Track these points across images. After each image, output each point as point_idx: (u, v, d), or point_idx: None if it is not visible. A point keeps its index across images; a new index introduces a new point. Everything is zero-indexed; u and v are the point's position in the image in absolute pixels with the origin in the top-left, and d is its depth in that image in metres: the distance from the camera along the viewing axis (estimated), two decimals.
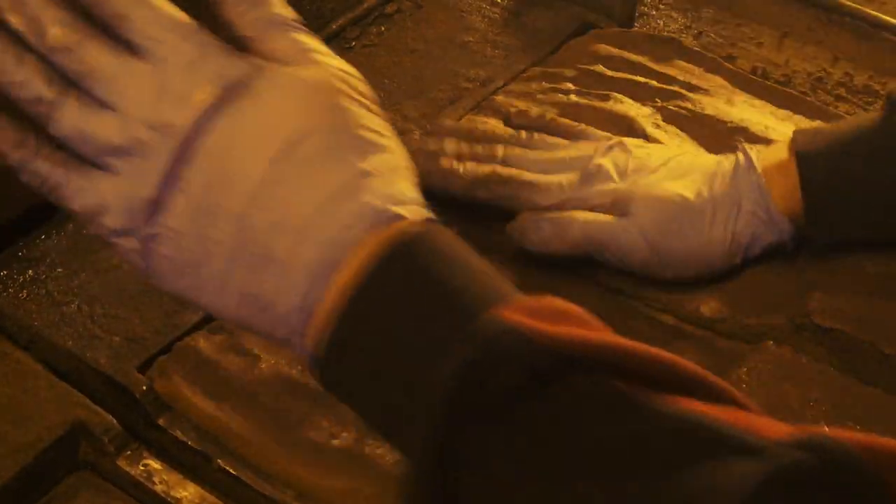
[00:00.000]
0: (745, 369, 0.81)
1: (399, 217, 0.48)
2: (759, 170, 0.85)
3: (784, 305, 0.87)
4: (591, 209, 0.86)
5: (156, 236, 0.49)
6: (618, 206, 0.86)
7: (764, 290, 0.88)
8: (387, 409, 0.48)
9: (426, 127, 1.01)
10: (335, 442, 0.77)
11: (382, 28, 1.17)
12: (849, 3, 1.16)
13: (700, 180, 0.86)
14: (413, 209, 0.49)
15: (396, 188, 0.49)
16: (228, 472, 0.77)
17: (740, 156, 0.86)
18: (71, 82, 0.49)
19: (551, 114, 0.96)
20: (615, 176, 0.86)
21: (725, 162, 0.87)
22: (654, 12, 1.18)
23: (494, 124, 0.95)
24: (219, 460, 0.77)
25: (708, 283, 0.88)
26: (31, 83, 0.49)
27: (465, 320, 0.46)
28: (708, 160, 0.88)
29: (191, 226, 0.48)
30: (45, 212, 0.92)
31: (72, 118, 0.49)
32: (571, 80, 1.07)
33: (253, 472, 0.77)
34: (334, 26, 1.14)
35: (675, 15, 1.18)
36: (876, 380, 0.81)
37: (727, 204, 0.84)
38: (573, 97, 1.05)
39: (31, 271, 0.88)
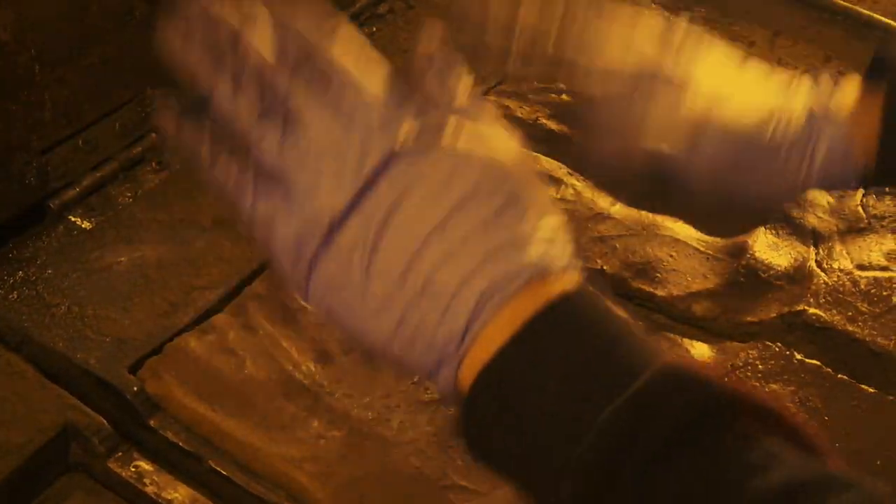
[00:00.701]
0: (737, 367, 0.81)
1: (557, 274, 0.52)
2: (840, 119, 0.79)
3: (776, 304, 0.87)
4: None
5: (327, 249, 0.52)
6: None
7: (755, 289, 0.88)
8: (533, 449, 0.49)
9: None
10: (324, 443, 0.77)
11: (374, 28, 1.16)
12: (841, 2, 1.17)
13: (768, 118, 0.80)
14: (570, 271, 0.53)
15: (556, 251, 0.53)
16: (220, 472, 0.77)
17: (813, 102, 0.80)
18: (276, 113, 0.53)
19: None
20: None
21: (796, 101, 0.81)
22: (646, 11, 1.18)
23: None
24: (210, 461, 0.77)
25: (700, 282, 0.88)
26: (241, 115, 0.53)
27: (623, 369, 0.49)
28: (772, 88, 0.82)
29: (363, 247, 0.51)
30: (35, 214, 0.92)
31: (275, 141, 0.52)
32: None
33: (244, 473, 0.77)
34: None
35: (667, 14, 1.17)
36: (867, 377, 0.81)
37: (801, 146, 0.79)
38: (565, 97, 1.05)
39: (21, 273, 0.88)
